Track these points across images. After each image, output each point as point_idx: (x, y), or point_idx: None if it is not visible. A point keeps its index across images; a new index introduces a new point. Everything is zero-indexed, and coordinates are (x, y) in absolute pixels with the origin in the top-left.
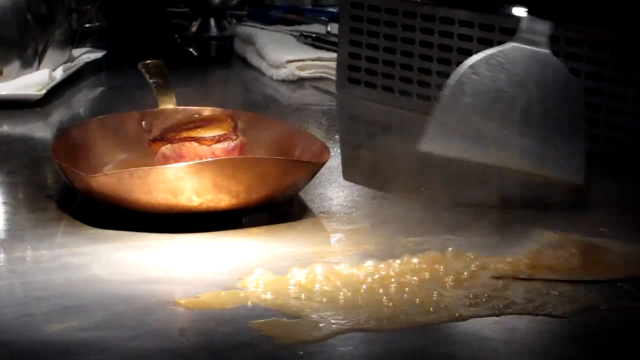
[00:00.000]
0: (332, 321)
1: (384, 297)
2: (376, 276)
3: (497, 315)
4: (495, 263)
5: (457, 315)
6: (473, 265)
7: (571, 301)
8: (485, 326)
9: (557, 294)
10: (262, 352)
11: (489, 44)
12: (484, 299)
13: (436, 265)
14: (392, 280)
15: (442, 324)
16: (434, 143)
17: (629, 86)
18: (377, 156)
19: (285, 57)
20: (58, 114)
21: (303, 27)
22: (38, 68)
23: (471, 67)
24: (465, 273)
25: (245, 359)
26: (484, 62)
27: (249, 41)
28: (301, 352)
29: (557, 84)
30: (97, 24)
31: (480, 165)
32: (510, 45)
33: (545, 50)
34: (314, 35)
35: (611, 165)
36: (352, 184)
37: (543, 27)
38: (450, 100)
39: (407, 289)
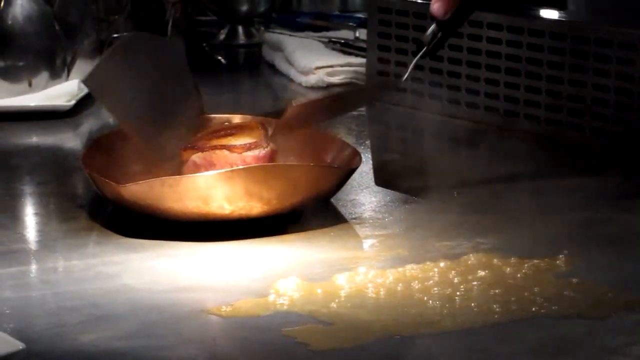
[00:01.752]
0: (368, 326)
1: (420, 301)
2: (413, 282)
3: (537, 317)
4: (532, 264)
5: (495, 318)
6: (509, 268)
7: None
8: (527, 329)
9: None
10: (298, 359)
11: (517, 46)
12: (522, 302)
13: (471, 268)
14: (428, 284)
15: (481, 327)
16: (95, 84)
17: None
18: (408, 161)
19: (314, 63)
20: (88, 124)
21: (331, 33)
22: (67, 79)
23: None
24: (499, 275)
25: None
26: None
27: (278, 48)
28: (337, 359)
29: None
30: (125, 33)
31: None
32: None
33: None
34: (342, 41)
35: None
36: (383, 189)
37: None
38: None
39: (441, 292)
